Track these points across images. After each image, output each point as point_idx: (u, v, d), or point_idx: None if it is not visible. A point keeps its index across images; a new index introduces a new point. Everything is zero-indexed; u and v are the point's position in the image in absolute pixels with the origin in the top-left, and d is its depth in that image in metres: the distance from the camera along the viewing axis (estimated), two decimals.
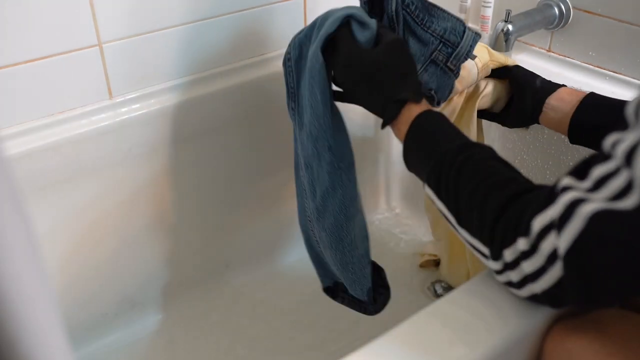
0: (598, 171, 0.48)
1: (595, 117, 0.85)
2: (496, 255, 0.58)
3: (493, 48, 1.16)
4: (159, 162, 1.16)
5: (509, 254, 0.57)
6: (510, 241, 0.56)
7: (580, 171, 0.51)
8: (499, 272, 0.60)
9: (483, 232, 0.59)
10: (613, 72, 1.14)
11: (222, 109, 1.19)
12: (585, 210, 0.47)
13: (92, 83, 1.06)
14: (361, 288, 0.92)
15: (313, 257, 0.99)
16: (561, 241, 0.50)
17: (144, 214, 1.18)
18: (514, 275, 0.58)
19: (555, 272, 0.53)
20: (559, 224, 0.50)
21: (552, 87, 0.91)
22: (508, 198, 0.57)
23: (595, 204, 0.47)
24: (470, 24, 1.34)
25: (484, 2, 1.26)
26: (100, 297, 1.19)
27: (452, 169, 0.64)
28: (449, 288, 1.29)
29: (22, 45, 0.98)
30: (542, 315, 0.69)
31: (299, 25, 1.27)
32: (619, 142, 0.47)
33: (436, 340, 0.65)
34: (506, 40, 1.13)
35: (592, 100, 0.86)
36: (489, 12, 1.27)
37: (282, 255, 1.39)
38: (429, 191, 0.68)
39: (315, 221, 0.88)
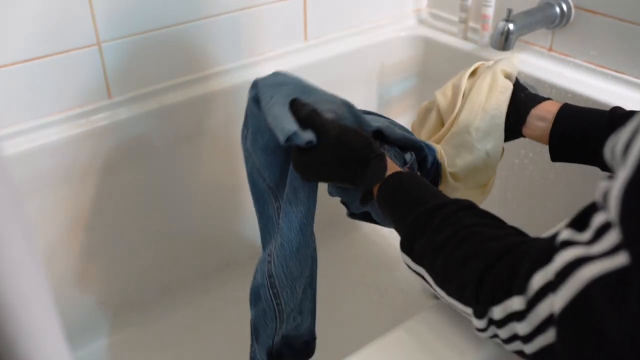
0: (598, 220, 0.44)
1: (572, 130, 0.83)
2: (481, 314, 0.54)
3: (494, 47, 1.15)
4: (159, 161, 1.15)
5: (498, 312, 0.52)
6: (502, 298, 0.51)
7: (579, 221, 0.46)
8: (482, 330, 0.55)
9: (464, 291, 0.55)
10: (614, 71, 1.14)
11: (224, 107, 1.19)
12: (584, 275, 0.43)
13: (90, 83, 1.06)
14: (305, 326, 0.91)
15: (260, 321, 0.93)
16: (556, 302, 0.45)
17: (144, 213, 1.18)
18: (502, 333, 0.53)
19: (549, 336, 0.48)
20: (555, 284, 0.45)
21: (536, 99, 0.88)
22: (493, 257, 0.54)
23: (595, 266, 0.42)
24: (471, 23, 1.34)
25: (485, 1, 1.26)
26: (99, 297, 1.19)
27: (428, 228, 0.61)
28: None
29: (21, 44, 0.98)
30: None
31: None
32: (610, 191, 0.42)
33: (435, 342, 0.64)
34: (507, 40, 1.13)
35: (567, 113, 0.84)
36: (490, 12, 1.26)
37: None
38: (402, 255, 0.65)
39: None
